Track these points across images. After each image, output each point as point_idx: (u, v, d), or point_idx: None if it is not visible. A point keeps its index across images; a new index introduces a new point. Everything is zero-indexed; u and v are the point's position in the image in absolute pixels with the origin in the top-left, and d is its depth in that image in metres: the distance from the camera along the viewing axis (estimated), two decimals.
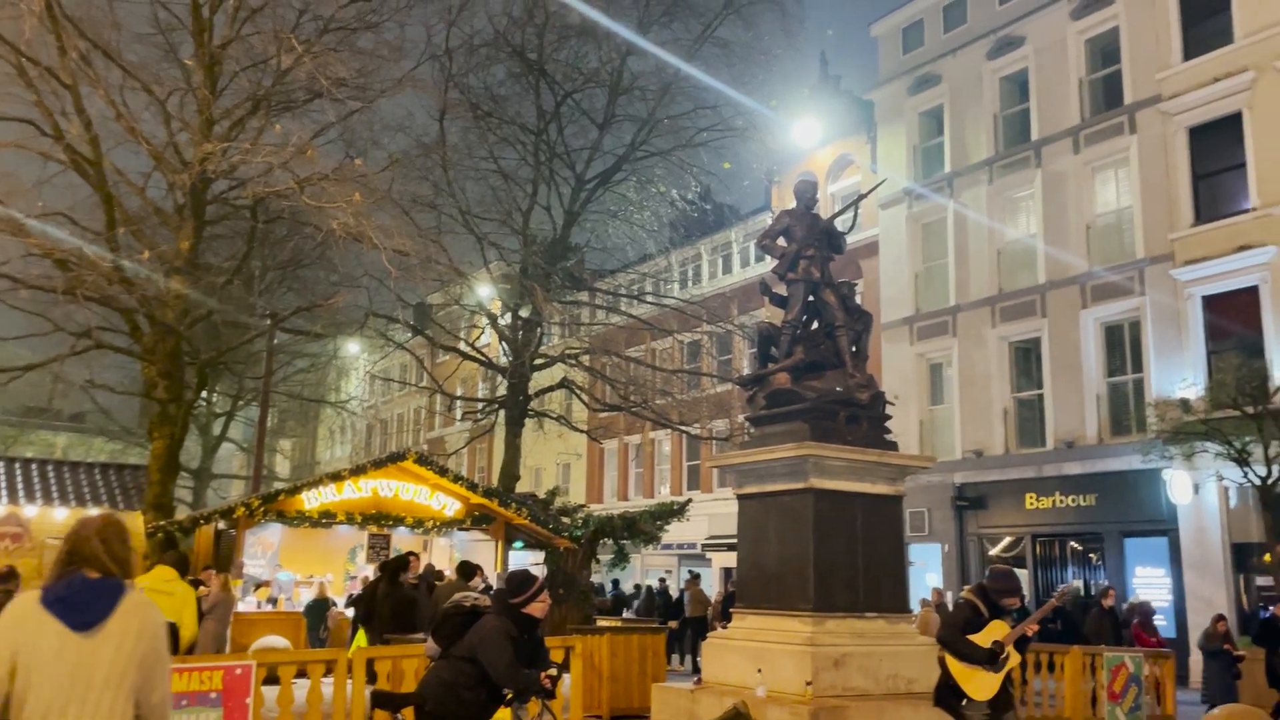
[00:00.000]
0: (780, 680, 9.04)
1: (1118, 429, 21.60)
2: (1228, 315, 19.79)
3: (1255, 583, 18.87)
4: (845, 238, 11.45)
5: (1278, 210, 18.99)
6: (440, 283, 21.92)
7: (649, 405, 23.34)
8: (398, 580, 11.72)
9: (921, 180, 26.59)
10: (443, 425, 45.06)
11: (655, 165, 23.26)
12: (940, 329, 25.52)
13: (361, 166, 17.56)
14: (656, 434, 34.19)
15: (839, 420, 10.15)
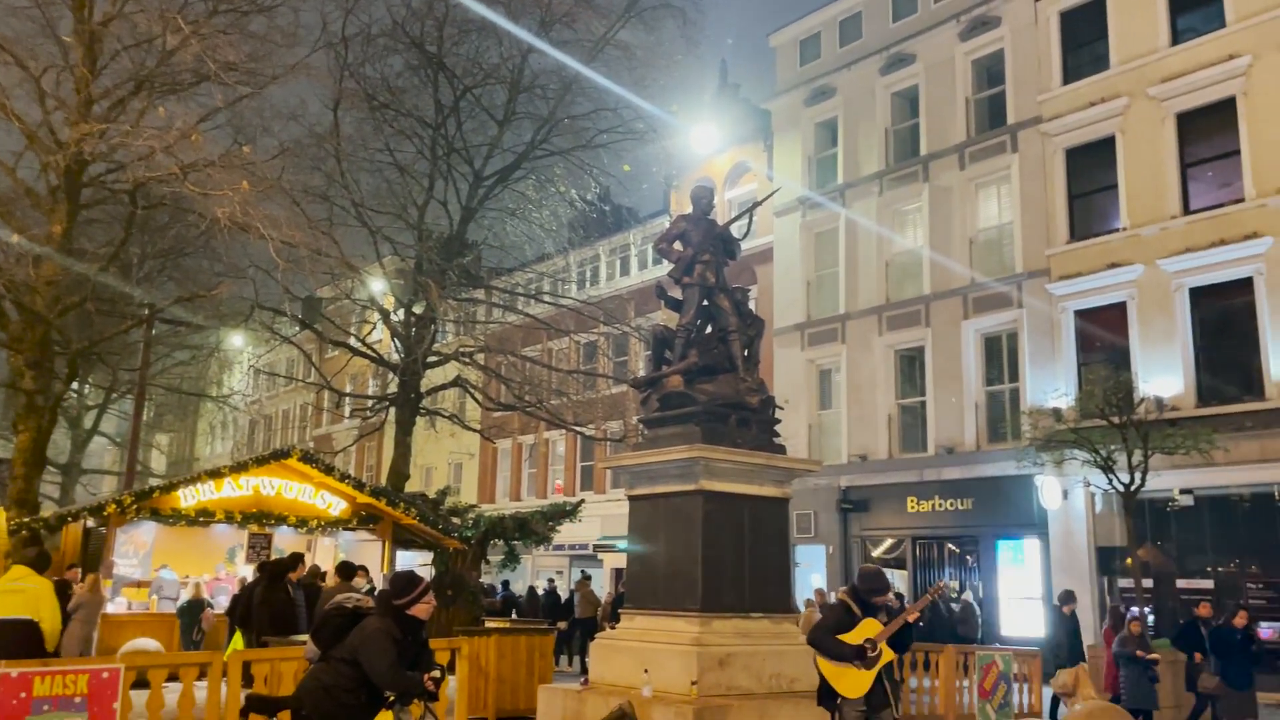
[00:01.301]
0: (666, 680, 9.11)
1: (994, 436, 22.48)
2: (1098, 329, 20.81)
3: (1118, 584, 19.88)
4: (740, 244, 11.63)
5: (1145, 231, 20.05)
6: (331, 276, 21.41)
7: (544, 405, 23.24)
8: (278, 581, 11.38)
9: (815, 190, 27.19)
10: (331, 422, 43.99)
11: (555, 164, 23.17)
12: (830, 336, 26.14)
13: (250, 154, 17.02)
14: (551, 434, 34.10)
15: (730, 423, 10.30)
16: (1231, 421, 17.84)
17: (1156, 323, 19.64)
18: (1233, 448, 17.12)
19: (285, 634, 10.40)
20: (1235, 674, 10.91)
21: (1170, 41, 20.35)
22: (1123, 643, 12.44)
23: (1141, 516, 18.26)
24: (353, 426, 36.18)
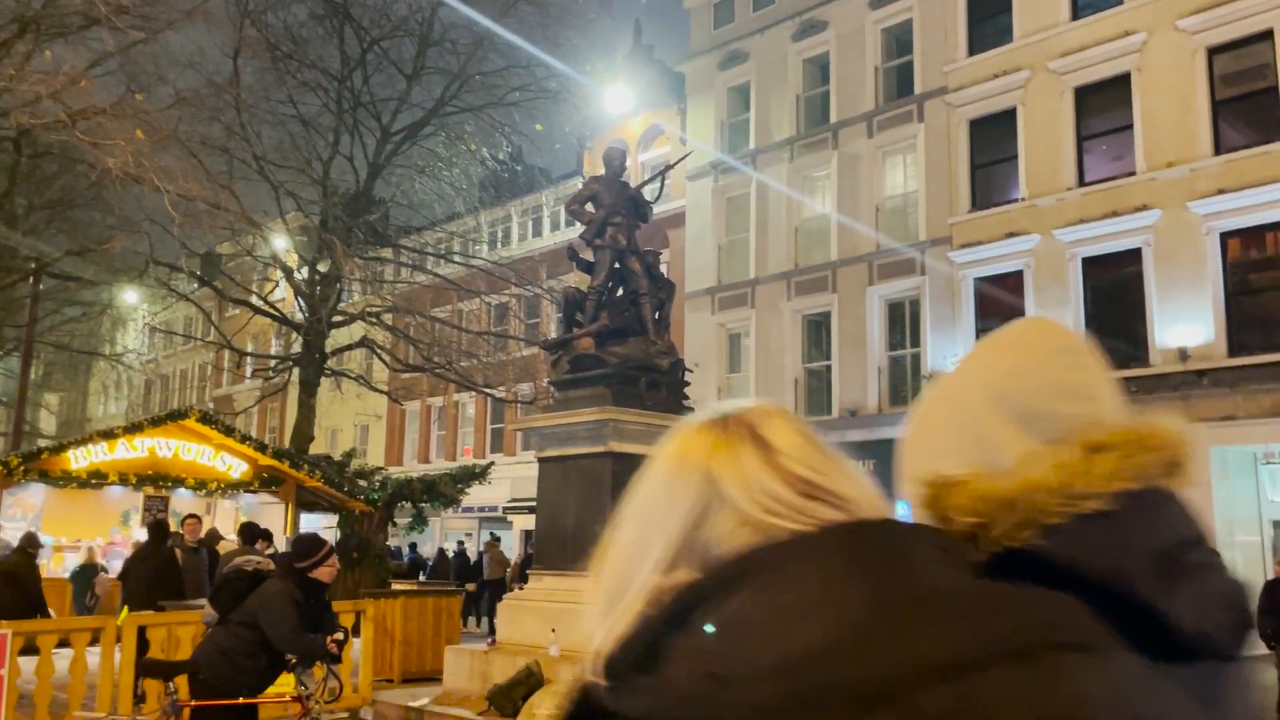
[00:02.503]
0: (575, 639, 9.20)
1: (896, 399, 23.10)
2: (996, 296, 21.48)
3: None
4: (652, 207, 11.64)
5: (1042, 201, 20.71)
6: (230, 231, 20.75)
7: (453, 367, 23.01)
8: (159, 541, 11.07)
9: (728, 154, 27.32)
10: (231, 383, 42.82)
11: (466, 122, 22.78)
12: (740, 300, 26.42)
13: (143, 102, 16.31)
14: (460, 396, 33.81)
15: (640, 386, 10.37)
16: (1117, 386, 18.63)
17: (1051, 291, 20.37)
18: None
19: (171, 598, 10.16)
20: None
21: (1071, 16, 20.93)
22: None
23: None
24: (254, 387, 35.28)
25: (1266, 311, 18.14)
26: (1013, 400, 1.09)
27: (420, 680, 11.52)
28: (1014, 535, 0.98)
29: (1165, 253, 18.93)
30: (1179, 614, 0.96)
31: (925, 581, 0.82)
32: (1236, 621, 1.01)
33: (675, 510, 0.95)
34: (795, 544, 0.87)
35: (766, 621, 0.81)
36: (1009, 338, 1.18)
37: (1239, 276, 18.54)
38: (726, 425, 1.00)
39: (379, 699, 9.90)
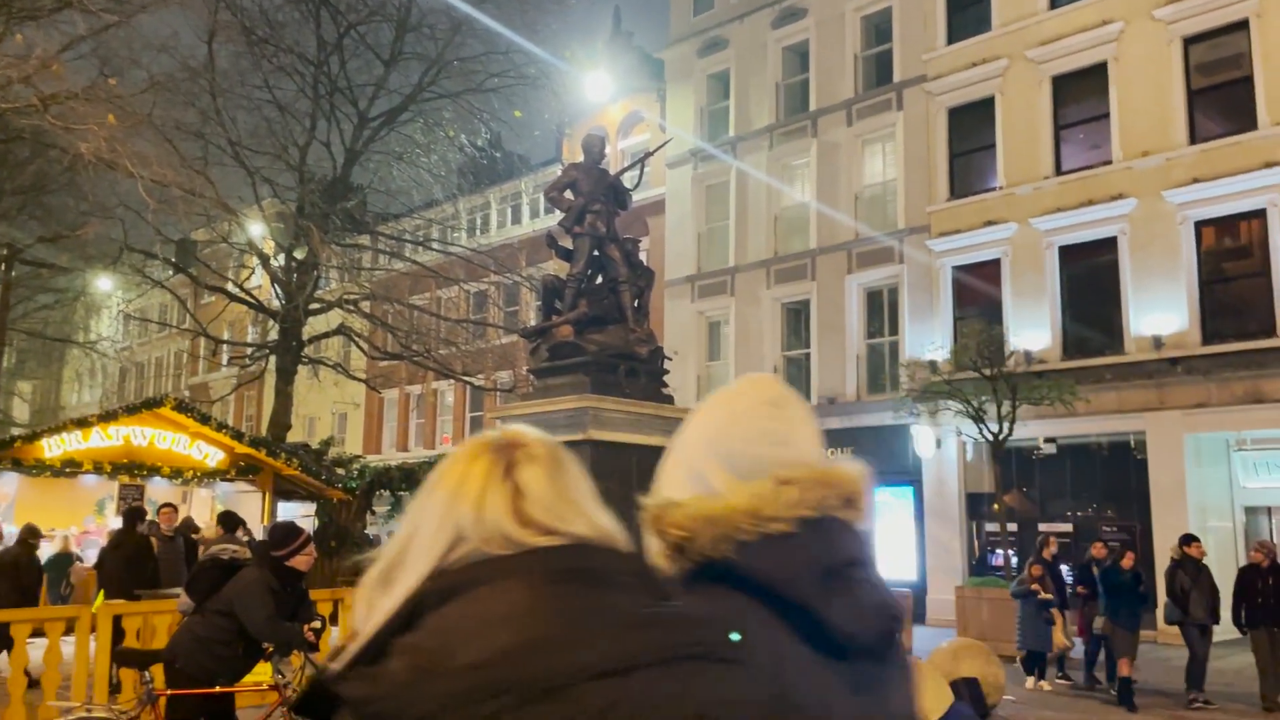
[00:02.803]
0: None
1: (874, 387, 23.21)
2: (974, 284, 21.59)
3: (985, 529, 20.91)
4: (631, 194, 11.62)
5: (1020, 190, 20.82)
6: (206, 218, 20.53)
7: (432, 355, 22.91)
8: (131, 529, 11.00)
9: (707, 142, 27.29)
10: (207, 370, 42.48)
11: (444, 108, 22.62)
12: (720, 288, 26.44)
13: (117, 87, 16.09)
14: (439, 384, 33.68)
15: (619, 374, 10.37)
16: (1093, 374, 18.83)
17: (1028, 279, 20.50)
18: (1093, 399, 18.09)
19: (144, 587, 10.10)
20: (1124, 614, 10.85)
21: (1048, 6, 21.00)
22: (1020, 583, 12.39)
23: (1008, 464, 19.19)
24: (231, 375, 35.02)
25: (1240, 300, 18.32)
26: (721, 444, 1.35)
27: None
28: (713, 548, 1.23)
29: (1140, 241, 19.08)
30: (835, 618, 1.19)
31: (603, 602, 1.04)
32: (883, 629, 1.24)
33: (441, 533, 1.14)
34: (508, 563, 1.08)
35: (471, 628, 1.00)
36: (728, 393, 1.44)
37: (1213, 265, 18.71)
38: (494, 458, 1.21)
39: None
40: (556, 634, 0.98)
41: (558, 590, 1.04)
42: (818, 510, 1.26)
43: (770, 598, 1.17)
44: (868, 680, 1.21)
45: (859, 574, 1.26)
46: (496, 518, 1.14)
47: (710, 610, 1.11)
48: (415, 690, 0.96)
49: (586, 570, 1.09)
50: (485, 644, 0.97)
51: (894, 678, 1.28)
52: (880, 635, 1.24)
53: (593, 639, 0.98)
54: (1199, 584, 10.97)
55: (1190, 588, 10.88)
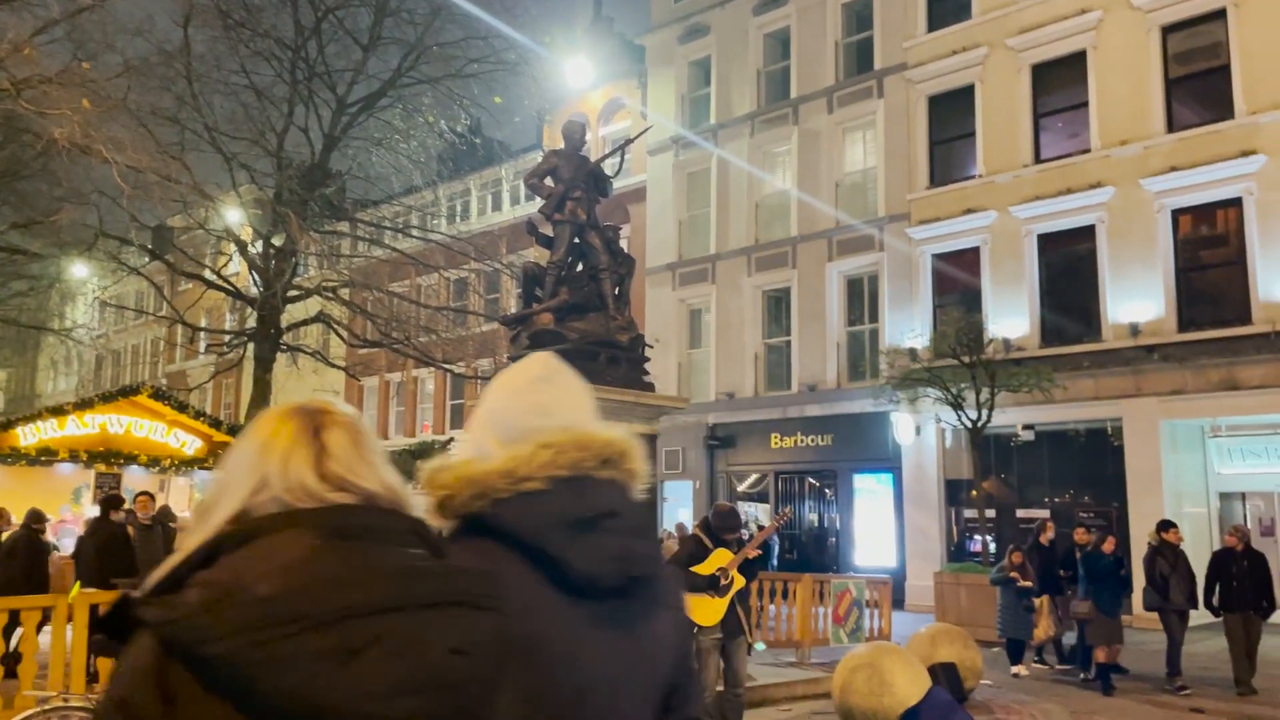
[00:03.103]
0: None
1: (854, 375, 23.30)
2: (953, 272, 21.69)
3: (964, 515, 21.06)
4: (612, 181, 11.57)
5: (999, 178, 20.90)
6: (182, 204, 20.34)
7: (412, 342, 22.79)
8: (107, 517, 10.92)
9: (689, 129, 27.24)
10: (185, 358, 42.14)
11: (423, 94, 22.43)
12: (701, 276, 26.44)
13: (91, 71, 15.89)
14: (419, 372, 33.55)
15: (600, 361, 10.34)
16: (1070, 361, 18.97)
17: (1007, 267, 20.60)
18: (1071, 386, 18.23)
19: (120, 575, 10.03)
20: (1106, 600, 10.83)
21: None
22: (1000, 570, 12.37)
23: (987, 451, 19.32)
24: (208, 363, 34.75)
25: (1215, 288, 18.49)
26: (497, 416, 1.54)
27: None
28: (470, 504, 1.40)
29: (1118, 229, 19.20)
30: (575, 563, 1.37)
31: (380, 553, 1.22)
32: (620, 570, 1.41)
33: (248, 478, 1.30)
34: (300, 516, 1.24)
35: (261, 569, 1.15)
36: (508, 371, 1.63)
37: (1189, 253, 18.87)
38: (303, 421, 1.36)
39: None
40: (335, 576, 1.16)
41: (340, 543, 1.21)
42: (571, 470, 1.43)
43: (522, 547, 1.37)
44: (617, 615, 1.42)
45: (610, 524, 1.43)
46: (299, 471, 1.30)
47: (471, 561, 1.30)
48: (209, 617, 1.11)
49: (369, 526, 1.26)
50: (274, 582, 1.13)
51: (644, 613, 1.46)
52: (622, 577, 1.41)
53: (367, 583, 1.17)
54: (1177, 569, 11.04)
55: (1169, 573, 10.96)
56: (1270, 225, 17.44)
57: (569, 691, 1.35)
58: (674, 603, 1.57)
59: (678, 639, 1.55)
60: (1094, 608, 10.77)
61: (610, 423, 1.55)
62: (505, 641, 1.24)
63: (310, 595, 1.13)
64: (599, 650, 1.39)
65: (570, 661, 1.36)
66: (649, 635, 1.46)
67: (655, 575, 1.50)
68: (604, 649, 1.39)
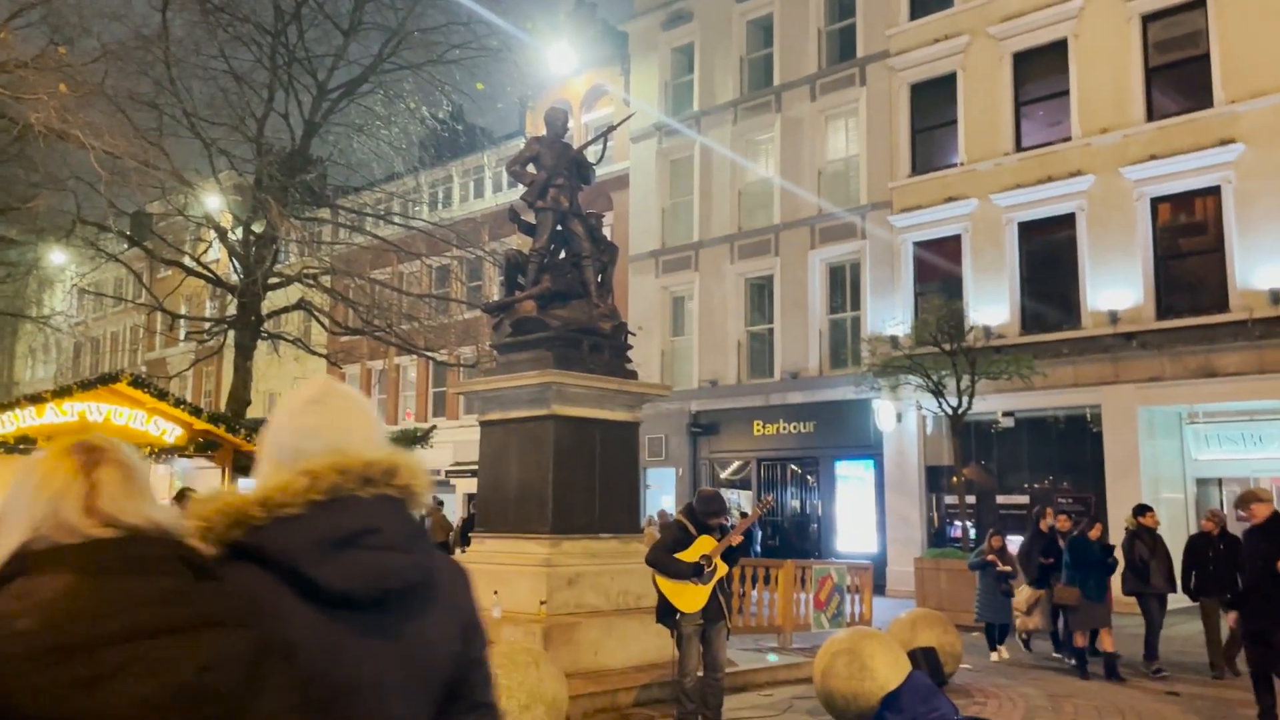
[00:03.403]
0: (516, 600, 9.24)
1: (836, 362, 23.39)
2: (935, 260, 21.78)
3: (944, 501, 21.21)
4: (594, 169, 11.55)
5: (981, 166, 20.98)
6: (161, 190, 20.14)
7: (393, 330, 22.71)
8: None
9: (672, 116, 27.19)
10: (164, 345, 41.84)
11: (405, 80, 22.28)
12: (684, 263, 26.45)
13: (67, 55, 15.71)
14: (401, 359, 33.45)
15: (582, 349, 10.35)
16: (1050, 348, 19.10)
17: (987, 255, 20.70)
18: (1051, 373, 18.36)
19: None
20: (1092, 585, 10.79)
21: None
22: (979, 554, 12.32)
23: (967, 437, 19.45)
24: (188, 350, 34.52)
25: (1193, 275, 18.64)
26: (273, 440, 1.65)
27: None
28: (228, 533, 1.50)
29: (1098, 217, 19.32)
30: (325, 580, 1.48)
31: (138, 584, 1.33)
32: (372, 584, 1.52)
33: (25, 518, 1.42)
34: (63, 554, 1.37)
35: (22, 604, 1.28)
36: (289, 393, 1.72)
37: (1168, 241, 19.01)
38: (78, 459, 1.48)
39: None
40: (91, 608, 1.29)
41: (99, 577, 1.33)
42: (329, 494, 1.53)
43: (279, 568, 1.48)
44: (380, 624, 1.54)
45: (370, 540, 1.54)
46: (69, 508, 1.43)
47: (236, 584, 1.43)
48: None
49: (130, 558, 1.37)
50: (32, 618, 1.26)
51: (410, 619, 1.58)
52: (376, 590, 1.53)
53: (122, 613, 1.29)
54: (1156, 554, 11.07)
55: (1148, 558, 11.01)
56: (1248, 214, 17.59)
57: (330, 694, 1.47)
58: (455, 603, 1.68)
59: (457, 636, 1.65)
60: (1080, 595, 10.77)
61: (385, 443, 1.69)
62: (263, 653, 1.37)
63: (65, 628, 1.26)
64: (361, 656, 1.51)
65: (330, 668, 1.47)
66: (417, 639, 1.58)
67: (423, 583, 1.61)
68: (367, 655, 1.52)
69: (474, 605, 1.75)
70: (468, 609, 1.72)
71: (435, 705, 1.61)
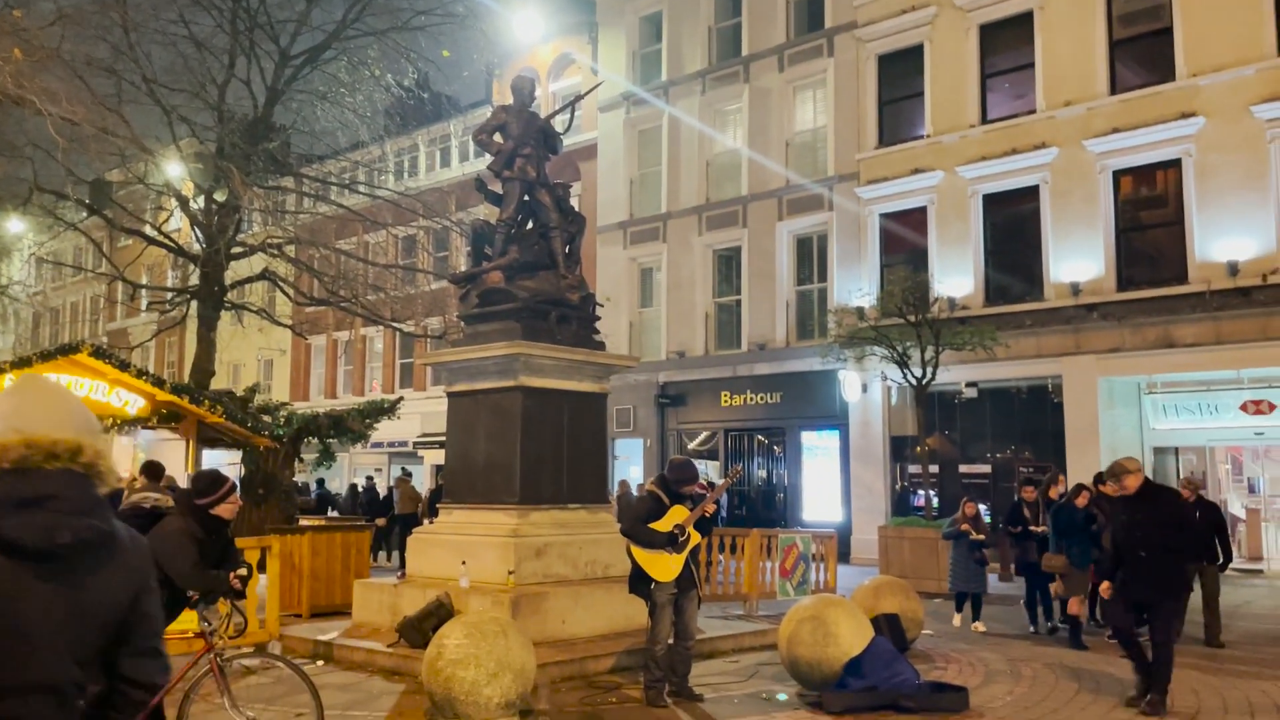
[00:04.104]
0: (485, 571, 9.28)
1: (803, 333, 23.52)
2: (901, 232, 21.91)
3: (908, 470, 21.48)
4: (562, 138, 11.49)
5: (947, 138, 21.08)
6: (120, 158, 19.77)
7: (359, 300, 22.51)
8: None
9: (640, 86, 27.03)
10: (126, 316, 41.26)
11: (369, 46, 21.91)
12: (652, 234, 26.41)
13: (22, 20, 15.33)
14: (368, 330, 33.22)
15: (550, 320, 10.34)
16: (1013, 320, 19.34)
17: (953, 227, 20.86)
18: (1013, 344, 18.60)
19: None
20: (1076, 553, 10.74)
21: None
22: (953, 524, 12.20)
23: (931, 408, 19.68)
24: (150, 321, 34.09)
25: (1154, 248, 18.91)
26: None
27: (329, 615, 11.48)
28: None
29: (1061, 190, 19.51)
30: (8, 533, 1.87)
31: None
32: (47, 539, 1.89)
33: None
34: None
35: None
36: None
37: (1129, 214, 19.25)
38: None
39: (287, 633, 9.84)
40: None
41: None
42: (16, 463, 1.92)
43: None
44: (52, 574, 1.90)
45: (52, 504, 1.91)
46: None
47: None
48: None
49: None
50: None
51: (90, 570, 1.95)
52: (51, 544, 1.89)
53: None
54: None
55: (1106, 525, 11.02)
56: (1208, 187, 17.84)
57: (6, 625, 1.85)
58: (131, 565, 2.06)
59: (128, 588, 2.03)
60: (1067, 562, 10.71)
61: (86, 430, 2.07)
62: None
63: None
64: (37, 598, 1.88)
65: (9, 606, 1.85)
66: (91, 589, 1.95)
67: (99, 544, 1.97)
68: (42, 597, 1.89)
69: (150, 570, 2.14)
70: (143, 572, 2.10)
71: (103, 644, 1.99)
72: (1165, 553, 7.42)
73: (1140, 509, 7.49)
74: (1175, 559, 7.52)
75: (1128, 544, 7.54)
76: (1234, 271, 17.36)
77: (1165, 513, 7.54)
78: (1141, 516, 7.45)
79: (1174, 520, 7.60)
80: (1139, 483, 7.60)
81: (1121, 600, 7.63)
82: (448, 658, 6.65)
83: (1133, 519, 7.51)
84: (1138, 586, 7.47)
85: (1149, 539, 7.37)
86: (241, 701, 5.28)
